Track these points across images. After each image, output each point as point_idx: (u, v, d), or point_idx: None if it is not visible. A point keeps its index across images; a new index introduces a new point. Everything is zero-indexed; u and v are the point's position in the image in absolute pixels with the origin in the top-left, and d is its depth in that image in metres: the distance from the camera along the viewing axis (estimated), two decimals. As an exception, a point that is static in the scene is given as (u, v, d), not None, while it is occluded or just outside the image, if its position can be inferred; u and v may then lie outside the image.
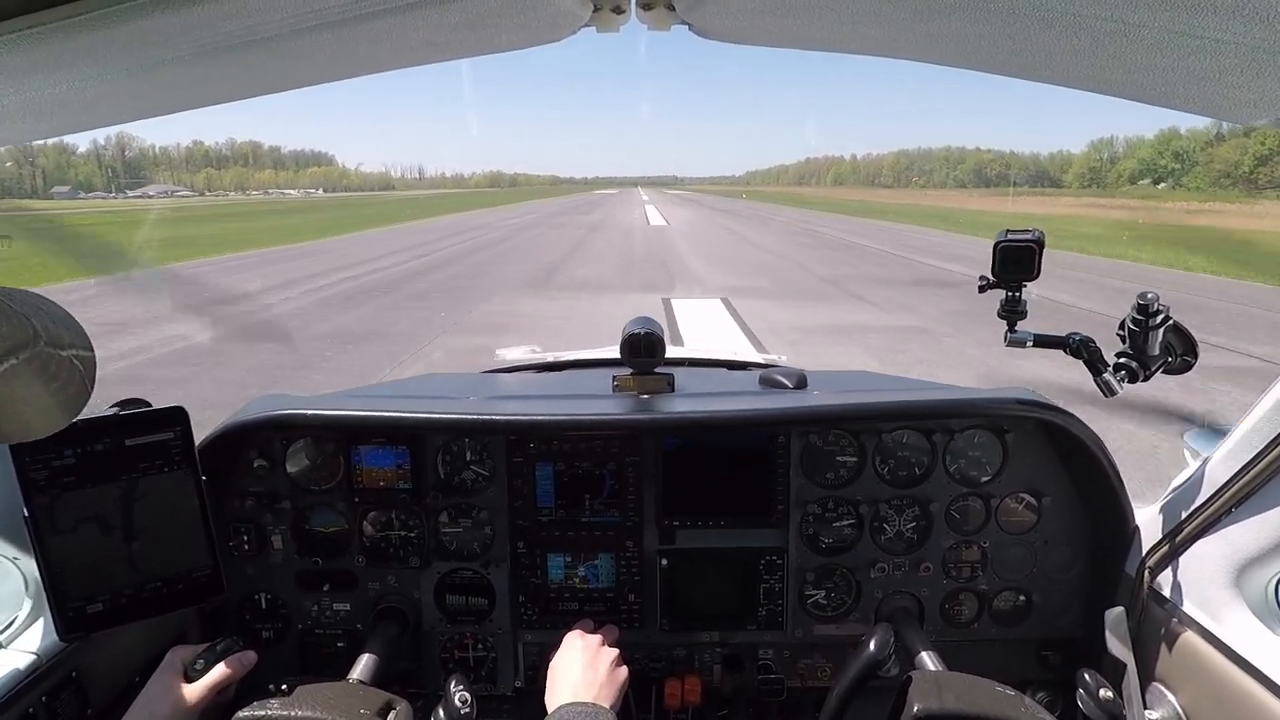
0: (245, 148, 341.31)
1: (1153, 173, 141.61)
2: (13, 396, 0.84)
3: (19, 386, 0.84)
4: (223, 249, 29.54)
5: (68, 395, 0.92)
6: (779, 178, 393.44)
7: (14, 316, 0.85)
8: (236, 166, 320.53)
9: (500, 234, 38.33)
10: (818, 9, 0.93)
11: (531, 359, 3.03)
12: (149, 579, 1.41)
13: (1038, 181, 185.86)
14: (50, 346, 0.88)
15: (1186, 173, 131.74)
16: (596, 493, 1.90)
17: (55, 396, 0.90)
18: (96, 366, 0.97)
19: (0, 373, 0.82)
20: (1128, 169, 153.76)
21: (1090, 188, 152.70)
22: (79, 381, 0.93)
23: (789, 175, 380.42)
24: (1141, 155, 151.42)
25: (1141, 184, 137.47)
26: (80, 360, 0.93)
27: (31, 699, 1.35)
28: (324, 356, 10.49)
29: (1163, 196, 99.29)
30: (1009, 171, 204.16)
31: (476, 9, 0.89)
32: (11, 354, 0.83)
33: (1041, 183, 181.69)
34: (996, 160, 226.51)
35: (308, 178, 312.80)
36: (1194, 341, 1.50)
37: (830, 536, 1.91)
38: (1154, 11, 0.74)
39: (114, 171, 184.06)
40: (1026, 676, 1.91)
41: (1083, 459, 1.79)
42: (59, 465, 1.30)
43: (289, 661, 1.93)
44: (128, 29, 0.76)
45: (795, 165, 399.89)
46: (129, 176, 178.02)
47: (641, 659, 1.93)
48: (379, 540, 1.91)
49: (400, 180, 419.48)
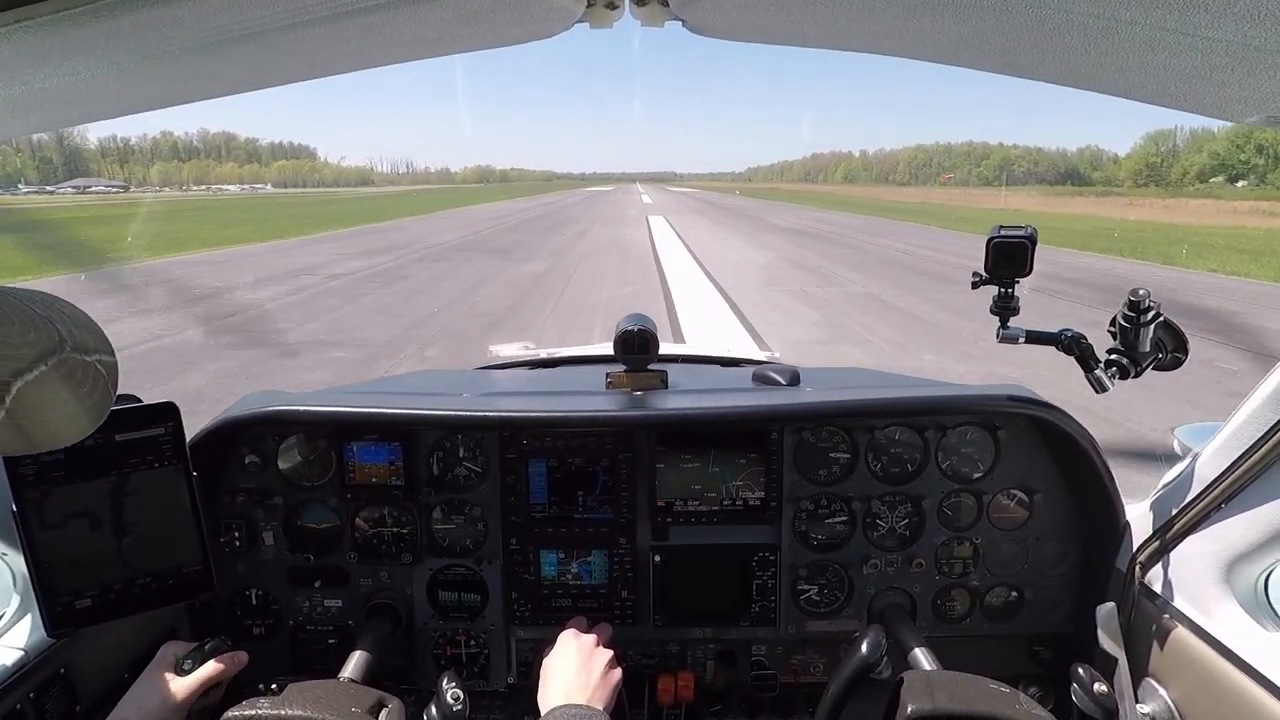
0: (218, 139, 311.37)
1: (1227, 169, 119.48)
2: (42, 404, 0.83)
3: (49, 394, 0.84)
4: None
5: (94, 401, 0.91)
6: (783, 174, 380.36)
7: (40, 322, 0.85)
8: (205, 159, 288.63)
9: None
10: (810, 5, 0.94)
11: (524, 355, 3.03)
12: (139, 575, 1.41)
13: (1066, 179, 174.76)
14: (76, 352, 0.87)
15: (1274, 169, 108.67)
16: (589, 489, 1.89)
17: (82, 403, 0.89)
18: (119, 372, 0.97)
19: (32, 380, 0.81)
20: (1195, 164, 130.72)
21: (1146, 186, 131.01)
22: (104, 387, 0.92)
23: (794, 172, 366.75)
24: (1214, 149, 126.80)
25: (1213, 181, 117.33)
26: (104, 365, 0.93)
27: (19, 695, 1.35)
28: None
29: (1244, 195, 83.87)
30: (1037, 168, 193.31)
31: (470, 4, 0.89)
32: (40, 360, 0.82)
33: (1071, 180, 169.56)
34: (1024, 156, 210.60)
35: (275, 171, 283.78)
36: (1184, 338, 1.51)
37: (823, 533, 1.91)
38: (1145, 9, 0.75)
39: (49, 163, 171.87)
40: (1018, 671, 1.93)
41: (1074, 455, 1.80)
42: (48, 460, 1.29)
43: (280, 658, 1.92)
44: (120, 23, 0.76)
45: (800, 161, 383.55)
46: (68, 170, 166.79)
47: (635, 655, 1.94)
48: (371, 536, 1.90)
49: (384, 175, 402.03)
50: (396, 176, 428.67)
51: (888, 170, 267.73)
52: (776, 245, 29.75)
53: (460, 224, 43.90)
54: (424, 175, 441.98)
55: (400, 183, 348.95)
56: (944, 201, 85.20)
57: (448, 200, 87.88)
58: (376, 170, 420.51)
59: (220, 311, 14.48)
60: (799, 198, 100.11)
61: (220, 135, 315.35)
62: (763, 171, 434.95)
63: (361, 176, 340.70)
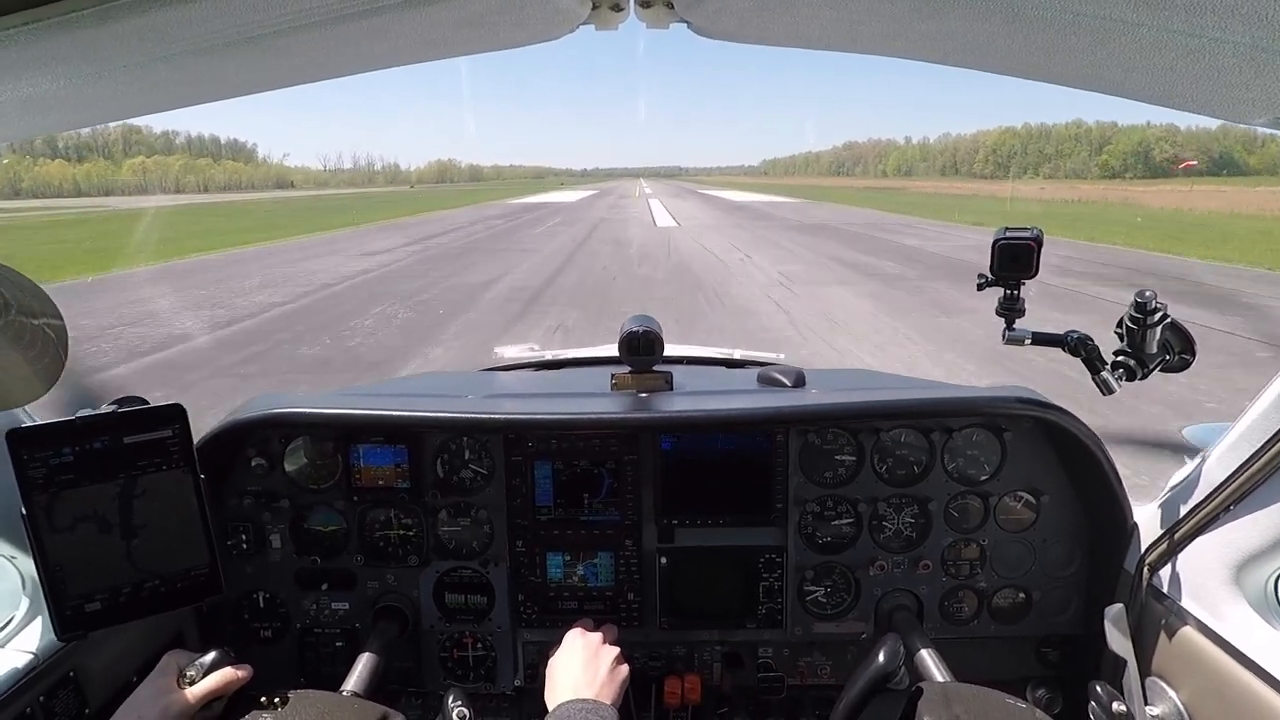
0: (116, 133, 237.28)
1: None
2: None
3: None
4: None
5: (44, 364, 0.92)
6: (807, 167, 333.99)
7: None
8: (98, 159, 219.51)
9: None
10: (816, 6, 0.93)
11: (529, 357, 3.03)
12: (147, 577, 1.41)
13: (1219, 168, 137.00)
14: (22, 315, 0.88)
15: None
16: (595, 491, 1.89)
17: (33, 365, 0.90)
18: (68, 335, 0.98)
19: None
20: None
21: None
22: (54, 351, 0.94)
23: (821, 164, 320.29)
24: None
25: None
26: (52, 329, 0.94)
27: (29, 699, 1.35)
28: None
29: None
30: (1183, 153, 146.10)
31: (475, 7, 0.89)
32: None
33: (1224, 170, 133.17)
34: (1165, 137, 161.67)
35: (146, 168, 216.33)
36: (1192, 339, 1.50)
37: (829, 534, 1.91)
38: (1153, 10, 0.74)
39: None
40: (1026, 673, 1.92)
41: (1081, 457, 1.79)
42: (57, 463, 1.29)
43: (288, 661, 1.93)
44: (126, 25, 0.76)
45: (830, 152, 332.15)
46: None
47: (641, 658, 1.93)
48: (377, 539, 1.91)
49: (314, 175, 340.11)
50: (329, 176, 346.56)
51: (960, 160, 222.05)
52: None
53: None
54: (362, 174, 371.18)
55: (332, 184, 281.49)
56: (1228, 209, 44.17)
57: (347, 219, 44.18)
58: (310, 169, 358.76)
59: None
60: (898, 200, 67.63)
61: (120, 130, 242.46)
62: (781, 165, 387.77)
63: (279, 177, 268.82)
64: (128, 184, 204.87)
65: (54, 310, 0.96)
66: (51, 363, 0.94)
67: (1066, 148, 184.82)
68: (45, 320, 0.93)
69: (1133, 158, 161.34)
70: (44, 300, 0.95)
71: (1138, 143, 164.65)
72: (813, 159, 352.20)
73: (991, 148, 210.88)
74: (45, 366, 0.93)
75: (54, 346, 0.94)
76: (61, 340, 0.95)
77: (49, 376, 0.94)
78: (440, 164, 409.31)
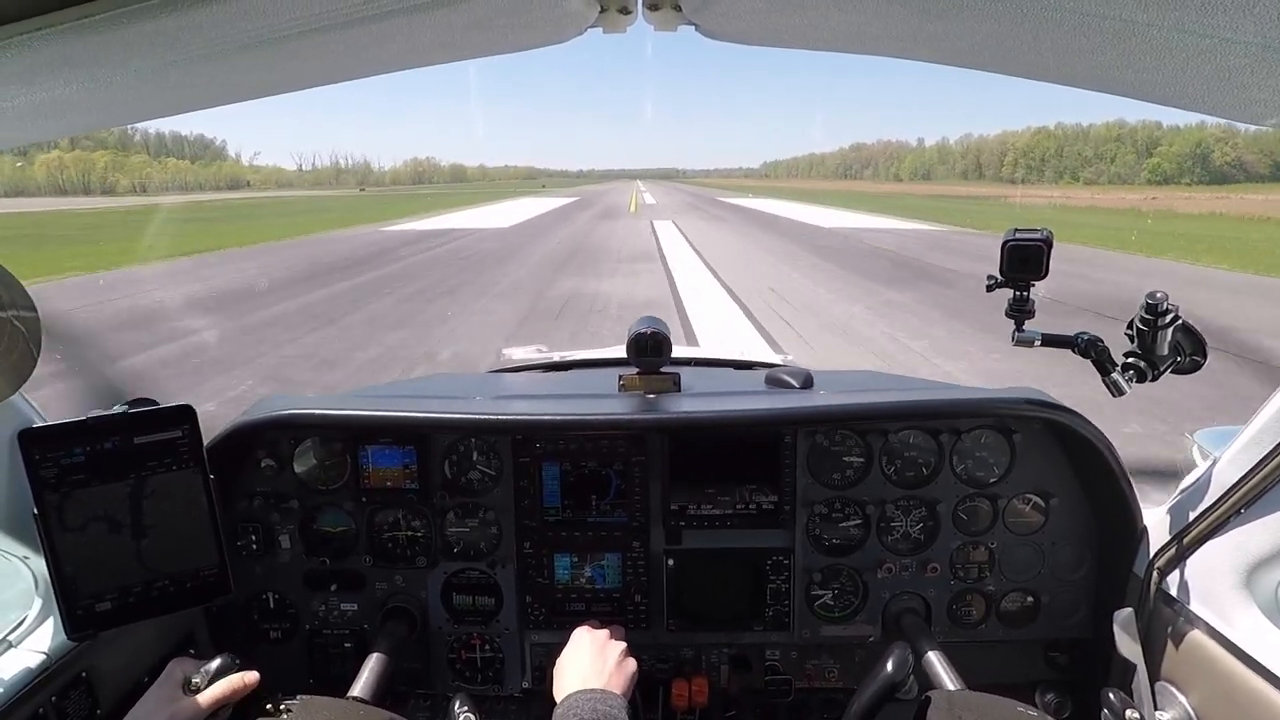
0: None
1: None
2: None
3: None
4: None
5: (11, 361, 0.84)
6: (811, 169, 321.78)
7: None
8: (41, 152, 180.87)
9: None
10: (824, 9, 0.93)
11: (537, 359, 3.03)
12: (157, 577, 1.41)
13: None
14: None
15: None
16: (603, 493, 1.89)
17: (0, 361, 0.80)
18: (41, 328, 0.89)
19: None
20: None
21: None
22: (23, 344, 0.85)
23: (826, 166, 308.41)
24: None
25: None
26: (22, 321, 0.86)
27: (41, 699, 1.36)
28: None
29: None
30: (1245, 157, 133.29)
31: (484, 10, 0.90)
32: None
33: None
34: (1225, 138, 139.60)
35: (40, 168, 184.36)
36: (1203, 341, 1.49)
37: (837, 537, 1.90)
38: (1163, 10, 0.74)
39: None
40: (1035, 677, 1.91)
41: (1090, 459, 1.78)
42: (68, 463, 1.30)
43: (297, 662, 1.94)
44: (139, 30, 0.77)
45: (835, 154, 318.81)
46: None
47: (648, 660, 1.93)
48: (386, 540, 1.91)
49: (303, 176, 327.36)
50: (295, 176, 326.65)
51: (985, 163, 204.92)
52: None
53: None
54: (328, 172, 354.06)
55: (298, 184, 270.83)
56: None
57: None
58: (285, 169, 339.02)
59: None
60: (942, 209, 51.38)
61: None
62: (783, 166, 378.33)
63: (233, 177, 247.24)
64: (41, 184, 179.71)
65: (26, 301, 0.87)
66: (21, 359, 0.85)
67: (1108, 150, 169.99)
68: (14, 313, 0.85)
69: (1190, 161, 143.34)
70: (16, 290, 0.86)
71: (1195, 144, 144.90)
72: (817, 160, 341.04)
73: (1023, 150, 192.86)
74: (13, 364, 0.84)
75: (24, 340, 0.85)
76: (34, 334, 0.87)
77: (18, 376, 0.85)
78: (416, 163, 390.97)
